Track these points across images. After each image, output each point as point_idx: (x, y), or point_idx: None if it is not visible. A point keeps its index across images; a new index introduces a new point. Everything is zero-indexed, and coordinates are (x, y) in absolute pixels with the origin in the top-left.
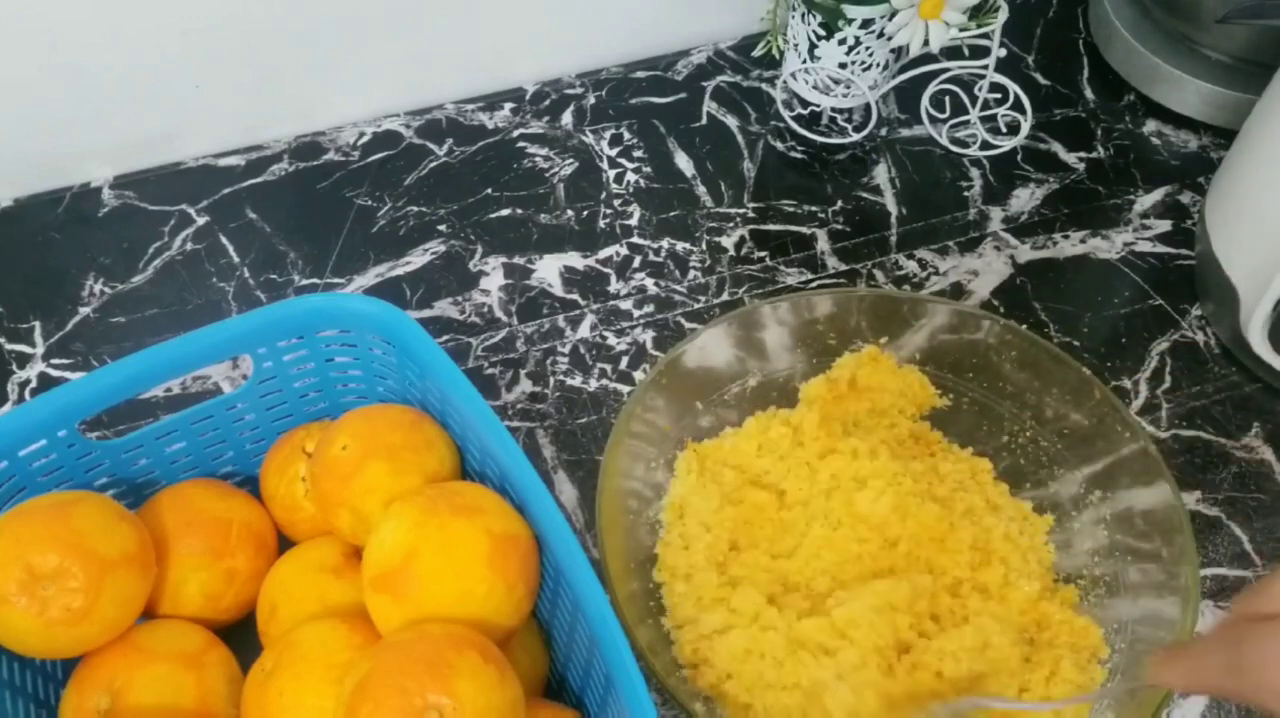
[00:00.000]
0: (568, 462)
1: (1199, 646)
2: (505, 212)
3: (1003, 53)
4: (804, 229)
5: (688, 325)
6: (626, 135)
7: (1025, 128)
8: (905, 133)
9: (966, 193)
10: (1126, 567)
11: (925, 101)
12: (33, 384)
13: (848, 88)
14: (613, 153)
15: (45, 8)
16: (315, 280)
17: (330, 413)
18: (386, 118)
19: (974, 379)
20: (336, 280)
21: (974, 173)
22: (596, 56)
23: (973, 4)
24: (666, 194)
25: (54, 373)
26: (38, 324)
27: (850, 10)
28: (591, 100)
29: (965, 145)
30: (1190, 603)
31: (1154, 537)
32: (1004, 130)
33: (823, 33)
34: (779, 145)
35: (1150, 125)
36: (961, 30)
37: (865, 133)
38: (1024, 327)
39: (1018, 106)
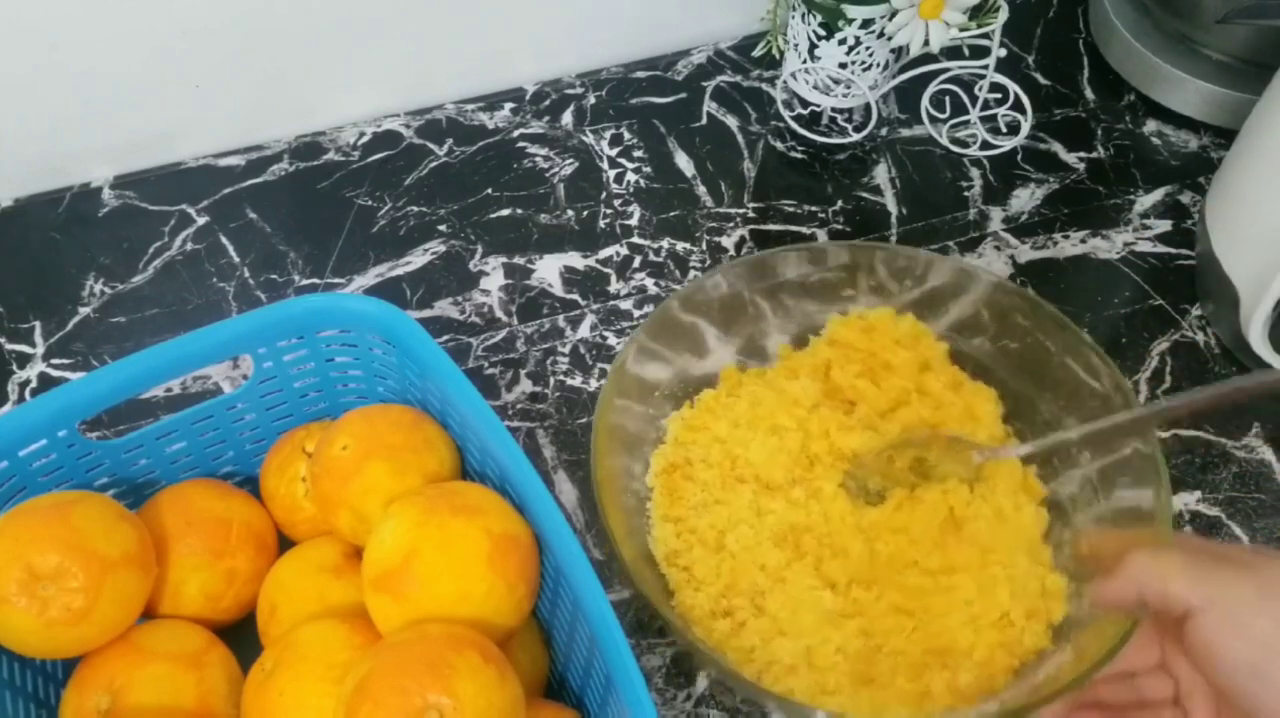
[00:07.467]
0: (568, 462)
1: None
2: (505, 212)
3: (1003, 53)
4: (804, 229)
5: None
6: (626, 135)
7: (1025, 128)
8: (905, 133)
9: (967, 193)
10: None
11: (925, 101)
12: (33, 384)
13: (848, 88)
14: (613, 153)
15: (45, 8)
16: (315, 280)
17: (330, 413)
18: (386, 118)
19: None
20: (336, 280)
21: (974, 173)
22: (596, 56)
23: (973, 4)
24: (666, 194)
25: (54, 373)
26: (38, 324)
27: (850, 10)
28: (591, 100)
29: (965, 145)
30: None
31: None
32: (1004, 130)
33: (823, 33)
34: (779, 145)
35: (1150, 125)
36: (961, 30)
37: (865, 133)
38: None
39: (1018, 106)
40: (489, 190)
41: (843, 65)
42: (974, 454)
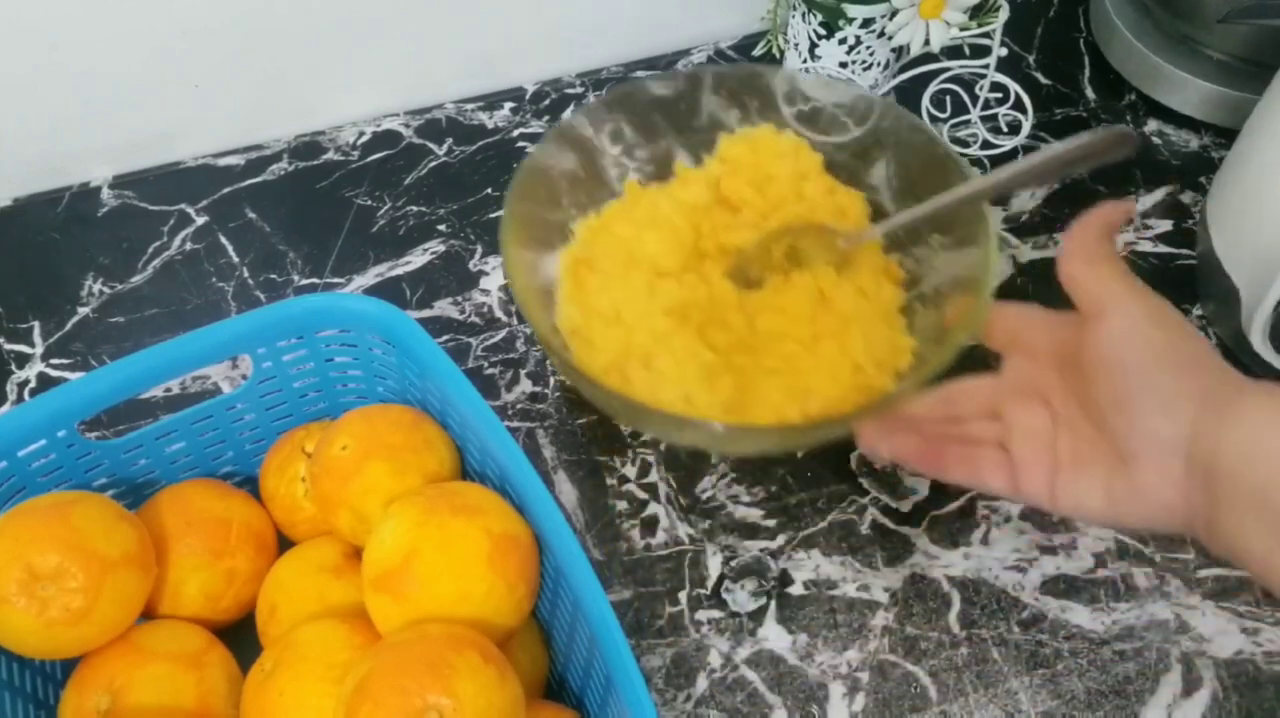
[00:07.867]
0: (568, 462)
1: None
2: None
3: (1003, 52)
4: None
5: None
6: None
7: (1026, 127)
8: None
9: None
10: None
11: (926, 101)
12: (32, 384)
13: None
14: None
15: (45, 8)
16: (315, 280)
17: (330, 413)
18: (386, 118)
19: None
20: (336, 280)
21: (975, 172)
22: (596, 56)
23: (973, 3)
24: None
25: (54, 373)
26: (37, 324)
27: (851, 10)
28: (591, 100)
29: (966, 145)
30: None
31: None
32: (1005, 130)
33: (823, 32)
34: None
35: (1151, 125)
36: (962, 30)
37: None
38: None
39: (1018, 106)
40: (489, 190)
41: (843, 65)
42: (840, 241)
